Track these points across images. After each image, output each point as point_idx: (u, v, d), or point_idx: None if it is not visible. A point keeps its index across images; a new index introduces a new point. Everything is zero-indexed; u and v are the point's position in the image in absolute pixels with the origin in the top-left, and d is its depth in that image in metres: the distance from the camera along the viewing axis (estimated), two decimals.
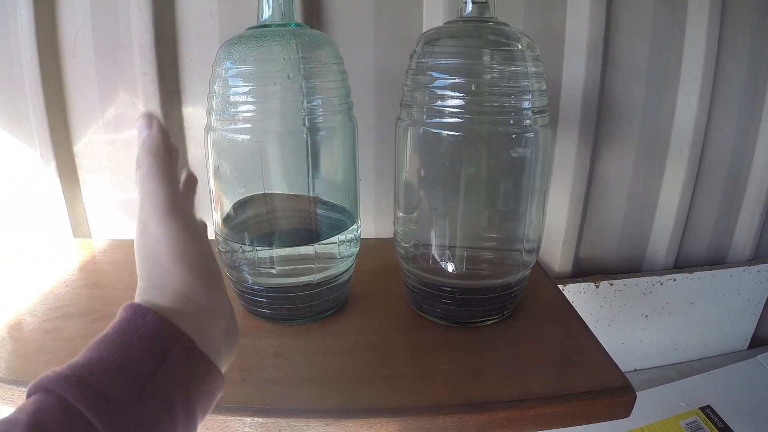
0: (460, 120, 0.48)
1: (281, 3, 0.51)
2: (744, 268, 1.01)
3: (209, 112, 0.51)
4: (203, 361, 0.34)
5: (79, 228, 0.87)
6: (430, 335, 0.56)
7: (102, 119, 0.80)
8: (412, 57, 0.51)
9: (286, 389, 0.47)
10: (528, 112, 0.49)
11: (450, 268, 0.53)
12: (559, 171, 0.87)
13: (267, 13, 0.51)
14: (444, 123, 0.49)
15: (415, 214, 0.54)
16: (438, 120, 0.49)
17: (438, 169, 0.51)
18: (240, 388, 0.47)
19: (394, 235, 0.58)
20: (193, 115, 0.80)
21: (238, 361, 0.43)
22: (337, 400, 0.46)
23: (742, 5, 0.86)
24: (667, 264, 1.00)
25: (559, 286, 0.74)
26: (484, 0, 0.51)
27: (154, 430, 0.29)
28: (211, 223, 0.56)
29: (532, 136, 0.49)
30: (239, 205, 0.54)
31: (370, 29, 0.78)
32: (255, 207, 0.54)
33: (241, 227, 0.55)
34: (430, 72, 0.49)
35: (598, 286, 0.94)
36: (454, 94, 0.48)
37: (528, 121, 0.49)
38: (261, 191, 0.52)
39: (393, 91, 0.78)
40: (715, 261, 1.06)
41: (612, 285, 0.95)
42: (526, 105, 0.49)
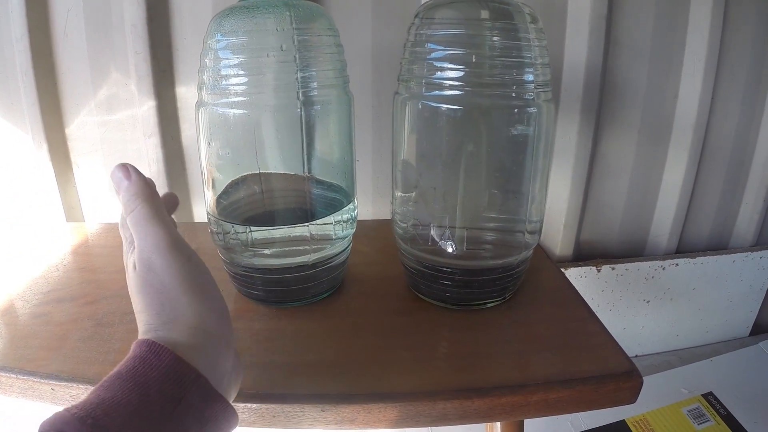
0: (461, 93, 0.46)
1: None
2: (746, 254, 1.00)
3: (200, 87, 0.50)
4: (218, 401, 0.34)
5: (72, 212, 0.86)
6: (429, 318, 0.54)
7: (94, 100, 0.79)
8: (410, 29, 0.50)
9: (281, 374, 0.46)
10: (531, 86, 0.47)
11: (450, 249, 0.52)
12: (561, 153, 0.86)
13: None
14: (443, 96, 0.47)
15: (413, 194, 0.53)
16: (437, 93, 0.47)
17: (437, 145, 0.50)
18: None
19: (392, 215, 0.57)
20: (187, 94, 0.79)
21: None
22: (333, 385, 0.45)
23: None
24: (670, 249, 0.99)
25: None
26: None
27: None
28: (203, 204, 0.54)
29: (535, 110, 0.48)
30: (232, 184, 0.52)
31: (367, 3, 0.76)
32: (248, 186, 0.52)
33: (234, 207, 0.53)
34: (428, 43, 0.47)
35: (599, 271, 0.93)
36: (453, 66, 0.46)
37: (531, 95, 0.47)
38: (254, 168, 0.50)
39: (390, 68, 0.77)
40: (718, 246, 1.05)
41: (614, 269, 0.94)
42: (529, 78, 0.47)
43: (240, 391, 0.41)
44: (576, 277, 0.92)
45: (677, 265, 0.97)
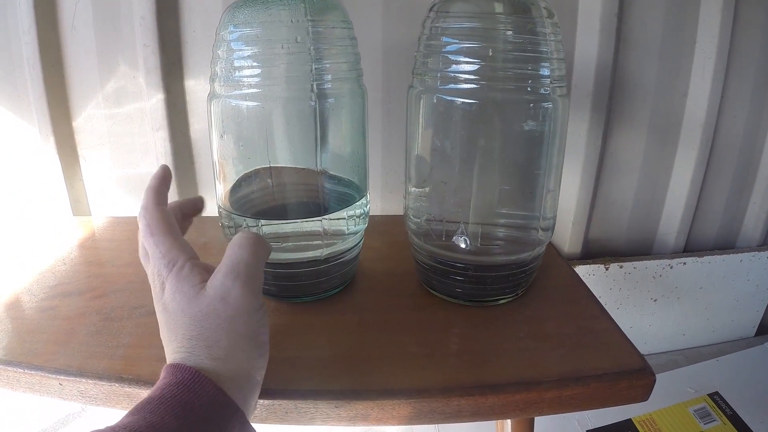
0: (476, 86, 0.46)
1: None
2: (754, 254, 1.00)
3: (212, 79, 0.49)
4: None
5: (79, 205, 0.85)
6: (442, 314, 0.54)
7: (102, 93, 0.78)
8: (425, 21, 0.49)
9: (293, 370, 0.45)
10: (546, 80, 0.47)
11: (463, 244, 0.51)
12: (570, 150, 0.85)
13: None
14: (458, 90, 0.47)
15: (427, 189, 0.52)
16: (452, 86, 0.47)
17: (451, 140, 0.49)
18: None
19: (404, 210, 0.56)
20: (196, 87, 0.78)
21: None
22: (346, 381, 0.44)
23: None
24: (677, 247, 0.98)
25: None
26: None
27: None
28: (212, 198, 0.54)
29: (550, 105, 0.47)
30: (244, 178, 0.52)
31: None
32: (260, 180, 0.52)
33: (246, 200, 0.53)
34: (444, 36, 0.47)
35: (607, 269, 0.93)
36: (469, 59, 0.46)
37: (546, 90, 0.47)
38: (266, 161, 0.50)
39: (402, 63, 0.77)
40: (725, 246, 1.04)
41: (622, 267, 0.93)
42: (545, 72, 0.47)
43: None
44: (584, 275, 0.92)
45: (685, 263, 0.97)
